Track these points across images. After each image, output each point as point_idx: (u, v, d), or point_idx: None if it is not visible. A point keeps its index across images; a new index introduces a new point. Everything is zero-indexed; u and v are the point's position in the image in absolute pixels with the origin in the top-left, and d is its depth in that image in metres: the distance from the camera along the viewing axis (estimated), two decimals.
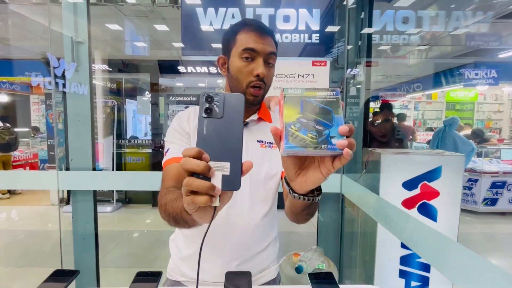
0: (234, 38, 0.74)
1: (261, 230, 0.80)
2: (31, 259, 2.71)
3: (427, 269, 1.39)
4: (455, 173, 1.34)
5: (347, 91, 1.71)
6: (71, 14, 1.56)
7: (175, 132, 0.78)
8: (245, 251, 0.78)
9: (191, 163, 0.37)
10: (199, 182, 0.37)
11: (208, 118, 0.40)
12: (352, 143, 0.38)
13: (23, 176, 1.67)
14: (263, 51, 0.72)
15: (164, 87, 5.77)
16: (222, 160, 0.39)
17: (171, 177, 0.70)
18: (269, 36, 0.74)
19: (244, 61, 0.73)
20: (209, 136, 0.39)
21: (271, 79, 0.77)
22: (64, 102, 1.67)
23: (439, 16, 2.12)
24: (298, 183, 0.45)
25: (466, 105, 7.78)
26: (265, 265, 0.83)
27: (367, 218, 1.57)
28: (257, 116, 0.81)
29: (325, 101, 0.41)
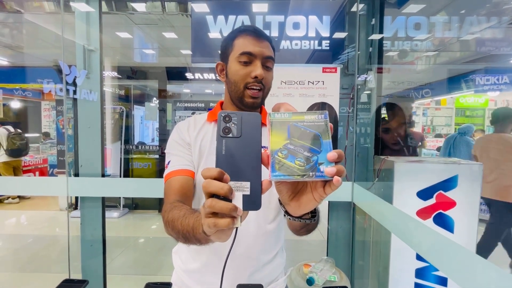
0: (232, 44, 0.75)
1: (268, 238, 0.78)
2: (39, 264, 2.72)
3: (444, 283, 1.33)
4: (473, 182, 1.29)
5: (357, 98, 1.69)
6: (84, 23, 1.59)
7: (176, 143, 0.77)
8: (253, 261, 0.76)
9: (214, 186, 0.36)
10: (222, 204, 0.36)
11: (226, 137, 0.39)
12: (340, 170, 0.37)
13: (34, 182, 1.68)
14: (260, 54, 0.72)
15: (172, 94, 5.84)
16: (242, 179, 0.39)
17: (175, 190, 0.68)
18: (266, 41, 0.75)
19: (242, 64, 0.73)
20: (228, 156, 0.39)
21: (270, 82, 0.77)
22: (74, 108, 1.69)
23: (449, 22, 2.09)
24: (292, 207, 0.45)
25: (477, 111, 7.63)
26: (273, 277, 0.81)
27: (379, 228, 1.52)
28: None
29: (313, 125, 0.40)
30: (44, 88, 1.91)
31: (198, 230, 0.49)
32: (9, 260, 2.82)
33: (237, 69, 0.73)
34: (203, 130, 0.79)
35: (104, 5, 1.70)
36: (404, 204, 1.32)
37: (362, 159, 1.69)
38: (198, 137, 0.77)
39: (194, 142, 0.77)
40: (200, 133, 0.78)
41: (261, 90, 0.74)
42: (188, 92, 7.23)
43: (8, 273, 2.52)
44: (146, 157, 4.60)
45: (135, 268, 2.69)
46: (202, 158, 0.75)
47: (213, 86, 7.18)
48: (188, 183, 0.71)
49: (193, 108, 5.67)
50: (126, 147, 4.52)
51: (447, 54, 4.08)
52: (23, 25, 3.69)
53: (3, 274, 2.50)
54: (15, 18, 3.35)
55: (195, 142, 0.77)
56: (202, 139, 0.77)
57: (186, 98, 6.70)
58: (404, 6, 1.95)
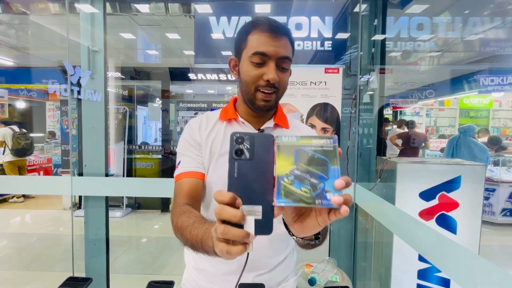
0: (245, 39, 0.69)
1: (278, 242, 0.77)
2: (43, 263, 2.74)
3: (446, 284, 1.32)
4: (476, 183, 1.29)
5: (360, 98, 1.69)
6: (88, 24, 1.61)
7: (187, 143, 0.75)
8: (263, 264, 0.76)
9: (227, 213, 0.36)
10: (235, 232, 0.36)
11: (238, 160, 0.38)
12: (347, 200, 0.36)
13: (39, 181, 1.71)
14: (275, 55, 0.66)
15: (175, 94, 5.87)
16: (254, 203, 0.38)
17: (184, 193, 0.69)
18: (283, 37, 0.67)
19: (254, 65, 0.67)
20: (240, 179, 0.38)
21: (285, 83, 0.71)
22: (78, 108, 1.71)
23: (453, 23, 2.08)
24: (295, 229, 0.44)
25: (481, 112, 7.57)
26: (283, 277, 0.80)
27: (382, 229, 1.52)
28: (273, 123, 0.77)
29: (321, 150, 0.38)
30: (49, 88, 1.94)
31: (207, 243, 0.49)
32: (14, 258, 2.85)
33: (249, 70, 0.68)
34: (215, 130, 0.76)
35: (108, 6, 1.72)
36: (406, 205, 1.31)
37: (364, 159, 1.69)
38: (209, 137, 0.75)
39: (205, 142, 0.74)
40: (211, 132, 0.76)
41: (274, 92, 0.69)
42: (191, 92, 7.27)
43: (13, 271, 2.55)
44: (149, 157, 4.63)
45: (137, 267, 2.70)
46: (213, 160, 0.73)
47: (216, 86, 7.20)
48: (197, 185, 0.70)
49: (196, 109, 5.69)
50: (129, 147, 4.55)
51: (450, 54, 4.06)
52: (29, 26, 3.74)
53: (8, 272, 2.52)
54: (20, 20, 3.40)
55: (206, 142, 0.75)
56: (213, 139, 0.75)
57: (188, 98, 6.74)
58: (407, 6, 1.95)
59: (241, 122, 0.76)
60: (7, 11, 2.26)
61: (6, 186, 1.59)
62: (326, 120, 1.57)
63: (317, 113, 1.58)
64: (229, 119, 0.77)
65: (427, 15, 2.41)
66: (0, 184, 1.53)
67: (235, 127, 0.77)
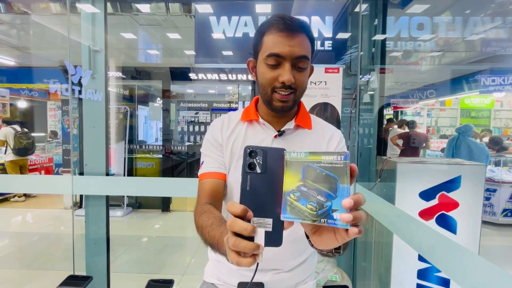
0: (261, 41, 0.67)
1: (298, 245, 0.76)
2: (44, 262, 2.75)
3: (446, 284, 1.32)
4: (476, 183, 1.29)
5: (360, 98, 1.69)
6: (89, 24, 1.62)
7: (209, 143, 0.77)
8: (282, 264, 0.76)
9: (238, 226, 0.37)
10: (245, 244, 0.37)
11: (251, 173, 0.39)
12: (358, 217, 0.34)
13: (39, 180, 1.71)
14: (290, 55, 0.63)
15: (175, 94, 5.88)
16: (265, 216, 0.39)
17: (206, 193, 0.71)
18: (300, 35, 0.64)
19: (270, 67, 0.66)
20: (252, 192, 0.39)
21: (303, 83, 0.68)
22: (79, 108, 1.72)
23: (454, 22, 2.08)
24: (314, 240, 0.44)
25: (482, 112, 7.56)
26: (301, 279, 0.79)
27: (382, 229, 1.52)
28: (293, 124, 0.75)
29: (331, 167, 0.37)
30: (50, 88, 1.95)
31: (222, 247, 0.50)
32: (16, 257, 2.86)
33: (264, 72, 0.67)
34: (236, 130, 0.77)
35: (109, 6, 1.73)
36: (406, 204, 1.31)
37: (364, 159, 1.69)
38: (230, 137, 0.76)
39: (226, 142, 0.76)
40: (233, 133, 0.77)
41: (292, 93, 0.67)
42: (192, 92, 7.28)
43: (14, 270, 2.56)
44: (150, 156, 4.64)
45: (138, 267, 2.71)
46: (233, 160, 0.74)
47: (217, 86, 7.21)
48: (218, 186, 0.72)
49: (196, 108, 5.70)
50: (130, 146, 4.56)
51: (452, 54, 4.05)
52: (30, 26, 3.76)
53: (9, 271, 2.54)
54: (22, 19, 3.41)
55: (227, 143, 0.76)
56: (234, 140, 0.76)
57: (189, 98, 6.75)
58: (407, 6, 1.94)
59: (262, 123, 0.76)
60: (8, 10, 2.27)
61: (8, 185, 1.60)
62: (326, 119, 1.57)
63: (317, 113, 1.58)
64: (250, 120, 0.77)
65: (428, 15, 2.41)
66: (2, 183, 1.54)
67: (256, 128, 0.77)
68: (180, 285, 2.12)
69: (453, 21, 1.92)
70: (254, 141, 0.75)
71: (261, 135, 0.76)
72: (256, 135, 0.76)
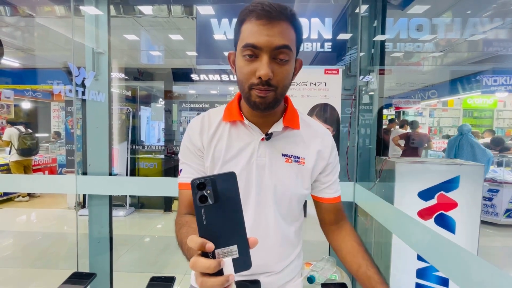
0: (239, 30, 0.60)
1: (287, 248, 0.77)
2: (48, 260, 2.79)
3: (445, 283, 1.33)
4: (474, 183, 1.30)
5: (360, 99, 1.70)
6: (93, 26, 1.65)
7: (187, 149, 0.71)
8: (271, 268, 0.76)
9: (201, 266, 0.36)
10: (213, 281, 0.36)
11: (204, 206, 0.38)
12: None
13: (44, 180, 1.74)
14: (267, 45, 0.55)
15: (177, 94, 5.91)
16: (229, 244, 0.39)
17: (185, 204, 0.70)
18: (280, 22, 0.56)
19: (246, 59, 0.58)
20: (210, 224, 0.38)
21: (284, 78, 0.60)
22: (83, 109, 1.75)
23: (454, 23, 2.09)
24: None
25: (485, 112, 7.51)
26: (290, 277, 0.81)
27: (381, 228, 1.53)
28: (282, 126, 0.68)
29: None
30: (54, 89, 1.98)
31: None
32: (20, 256, 2.90)
33: (241, 66, 0.59)
34: (218, 133, 0.70)
35: (112, 8, 1.76)
36: (405, 204, 1.33)
37: (364, 159, 1.70)
38: (212, 141, 0.69)
39: (208, 146, 0.69)
40: (214, 136, 0.69)
41: (272, 90, 0.59)
42: (194, 93, 7.31)
43: (19, 269, 2.59)
44: (152, 157, 4.67)
45: (140, 266, 2.73)
46: (216, 166, 0.69)
47: (218, 87, 7.24)
48: None
49: (198, 109, 5.73)
50: (133, 147, 4.60)
51: (453, 55, 4.04)
52: (34, 28, 3.81)
53: (13, 270, 2.57)
54: (26, 22, 3.46)
55: (209, 146, 0.69)
56: (216, 143, 0.69)
57: (191, 99, 6.78)
58: (408, 7, 1.96)
59: (247, 125, 0.68)
60: (14, 13, 2.31)
61: (14, 185, 1.63)
62: (326, 120, 1.59)
63: (317, 113, 1.60)
64: (234, 121, 0.69)
65: (429, 16, 2.41)
66: (8, 183, 1.57)
67: (240, 129, 0.69)
68: (182, 284, 2.14)
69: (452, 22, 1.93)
70: (239, 145, 0.68)
71: (246, 138, 0.69)
72: (241, 138, 0.69)
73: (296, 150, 0.70)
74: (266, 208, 0.71)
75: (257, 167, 0.68)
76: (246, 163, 0.68)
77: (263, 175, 0.69)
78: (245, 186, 0.69)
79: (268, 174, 0.69)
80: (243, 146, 0.69)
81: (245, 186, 0.69)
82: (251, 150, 0.68)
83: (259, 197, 0.70)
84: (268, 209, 0.70)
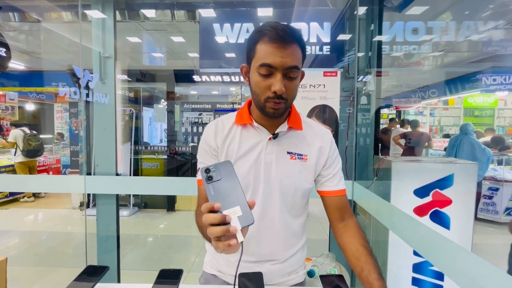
0: (254, 49, 0.70)
1: (291, 238, 0.83)
2: (56, 259, 2.86)
3: (440, 278, 1.38)
4: (468, 181, 1.34)
5: (358, 100, 1.75)
6: (100, 31, 1.70)
7: (203, 150, 0.81)
8: (277, 256, 0.82)
9: (210, 218, 0.49)
10: (217, 230, 0.49)
11: (212, 183, 0.54)
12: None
13: (54, 180, 1.81)
14: (281, 66, 0.66)
15: (179, 95, 5.97)
16: (233, 206, 0.52)
17: (202, 197, 0.79)
18: (291, 45, 0.66)
19: (262, 76, 0.68)
20: (217, 194, 0.53)
21: (293, 91, 0.72)
22: (86, 110, 1.80)
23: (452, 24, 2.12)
24: None
25: (486, 111, 7.52)
26: (293, 268, 0.86)
27: (380, 225, 1.58)
28: (286, 127, 0.78)
29: None
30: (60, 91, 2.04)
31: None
32: (28, 255, 2.96)
33: (257, 81, 0.69)
34: (230, 134, 0.80)
35: (117, 14, 1.81)
36: (401, 202, 1.37)
37: (362, 158, 1.75)
38: (225, 142, 0.79)
39: (222, 147, 0.79)
40: (228, 137, 0.79)
41: (283, 102, 0.70)
42: (195, 93, 7.37)
43: (27, 267, 2.65)
44: (155, 157, 4.73)
45: (144, 264, 2.79)
46: None
47: (220, 88, 7.30)
48: None
49: (200, 110, 5.79)
50: (136, 147, 4.66)
51: (453, 54, 4.07)
52: (38, 31, 3.87)
53: (22, 268, 2.64)
54: (30, 25, 3.52)
55: (223, 147, 0.79)
56: (229, 144, 0.79)
57: (193, 99, 6.84)
58: (405, 9, 2.00)
59: (256, 127, 0.78)
60: (22, 19, 2.37)
61: (24, 184, 1.69)
62: (325, 121, 1.64)
63: (316, 114, 1.65)
64: (245, 124, 0.79)
65: (428, 16, 2.44)
66: (19, 183, 1.63)
67: (250, 131, 0.79)
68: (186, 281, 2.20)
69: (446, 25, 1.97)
70: (249, 144, 0.78)
71: (255, 138, 0.79)
72: (251, 138, 0.79)
73: (300, 148, 0.79)
74: (273, 200, 0.78)
75: (265, 163, 0.77)
76: (255, 160, 0.77)
77: (270, 170, 0.77)
78: (254, 180, 0.77)
79: (275, 170, 0.77)
80: (252, 145, 0.78)
81: (254, 180, 0.77)
82: (259, 149, 0.78)
83: (266, 190, 0.77)
84: (274, 201, 0.78)
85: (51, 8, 2.18)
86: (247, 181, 0.77)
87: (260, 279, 0.77)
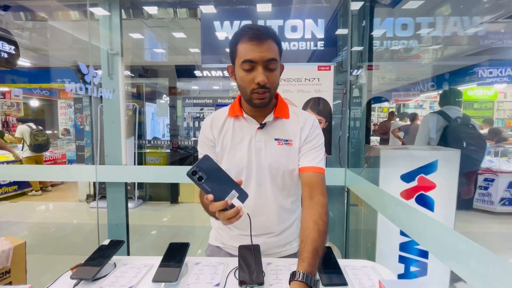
0: (235, 49, 0.79)
1: (284, 214, 0.93)
2: (67, 247, 3.00)
3: (425, 256, 1.49)
4: (451, 166, 1.44)
5: (350, 93, 1.85)
6: (107, 29, 1.80)
7: (202, 142, 0.92)
8: (272, 229, 0.93)
9: (217, 206, 0.64)
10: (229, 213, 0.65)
11: (203, 182, 0.65)
12: None
13: (68, 169, 1.93)
14: (261, 59, 0.75)
15: (181, 91, 6.06)
16: (229, 192, 0.66)
17: None
18: (267, 41, 0.76)
19: (245, 71, 0.78)
20: (213, 189, 0.65)
21: (274, 82, 0.81)
22: (90, 106, 1.91)
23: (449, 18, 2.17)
24: None
25: (485, 103, 7.53)
26: (288, 241, 0.96)
27: (370, 208, 1.68)
28: (272, 116, 0.88)
29: None
30: (66, 87, 2.14)
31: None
32: (38, 244, 3.11)
33: (242, 76, 0.79)
34: (225, 126, 0.90)
35: (123, 12, 1.90)
36: (389, 186, 1.47)
37: (354, 147, 1.85)
38: (221, 133, 0.90)
39: (218, 138, 0.90)
40: (223, 129, 0.90)
41: (267, 91, 0.79)
42: (197, 89, 7.45)
43: (38, 255, 2.80)
44: (158, 151, 4.85)
45: (150, 254, 2.93)
46: (225, 152, 0.89)
47: (221, 82, 7.37)
48: None
49: (202, 104, 5.88)
50: (139, 142, 4.77)
51: (451, 47, 4.11)
52: (43, 29, 3.94)
53: (34, 256, 2.78)
54: (39, 24, 3.60)
55: (219, 138, 0.90)
56: (224, 135, 0.89)
57: (195, 94, 6.93)
58: (398, 6, 2.07)
59: (246, 118, 0.88)
60: (32, 19, 2.46)
61: (41, 174, 1.81)
62: (319, 112, 1.74)
63: (311, 106, 1.75)
64: (237, 115, 0.90)
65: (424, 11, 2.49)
66: (36, 173, 1.75)
67: (241, 122, 0.90)
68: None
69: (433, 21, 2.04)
70: (241, 134, 0.89)
71: (246, 128, 0.89)
72: (242, 128, 0.89)
73: (286, 134, 0.89)
74: (265, 181, 0.90)
75: (255, 150, 0.88)
76: (247, 147, 0.88)
77: (260, 155, 0.88)
78: (248, 165, 0.89)
79: (264, 155, 0.88)
80: (244, 135, 0.89)
81: (247, 165, 0.89)
82: (250, 137, 0.89)
83: (259, 173, 0.89)
84: (266, 182, 0.90)
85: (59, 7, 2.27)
86: (242, 166, 0.88)
87: (258, 250, 0.89)
